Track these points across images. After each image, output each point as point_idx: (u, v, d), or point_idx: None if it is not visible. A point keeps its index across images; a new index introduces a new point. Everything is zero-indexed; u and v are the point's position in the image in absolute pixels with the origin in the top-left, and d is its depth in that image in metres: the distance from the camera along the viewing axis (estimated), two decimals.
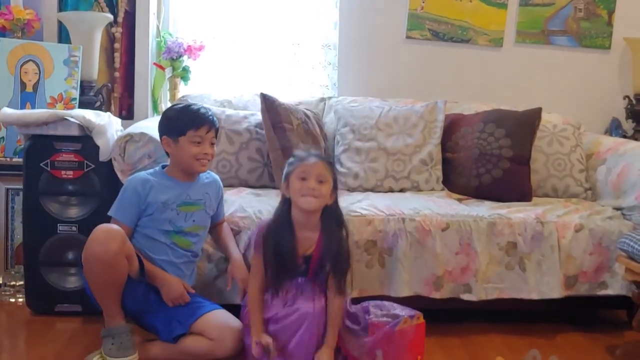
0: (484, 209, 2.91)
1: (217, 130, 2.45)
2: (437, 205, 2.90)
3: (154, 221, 2.38)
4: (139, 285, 2.29)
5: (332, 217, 2.32)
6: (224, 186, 3.10)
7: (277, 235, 2.27)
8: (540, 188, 3.26)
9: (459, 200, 3.11)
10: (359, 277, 2.75)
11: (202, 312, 2.32)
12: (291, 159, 2.33)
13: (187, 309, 2.33)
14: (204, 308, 2.34)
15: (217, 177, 2.61)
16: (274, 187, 3.14)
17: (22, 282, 3.04)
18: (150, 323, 2.37)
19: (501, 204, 3.02)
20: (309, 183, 2.23)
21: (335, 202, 2.34)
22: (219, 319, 2.32)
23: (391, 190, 3.22)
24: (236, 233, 2.68)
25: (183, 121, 2.37)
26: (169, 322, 2.31)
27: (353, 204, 2.88)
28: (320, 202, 2.26)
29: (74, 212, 2.87)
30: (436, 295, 2.78)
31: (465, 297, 2.80)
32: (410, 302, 2.61)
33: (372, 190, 3.21)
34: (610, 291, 2.84)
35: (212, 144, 2.42)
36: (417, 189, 3.23)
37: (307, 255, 2.28)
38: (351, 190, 3.20)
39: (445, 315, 2.93)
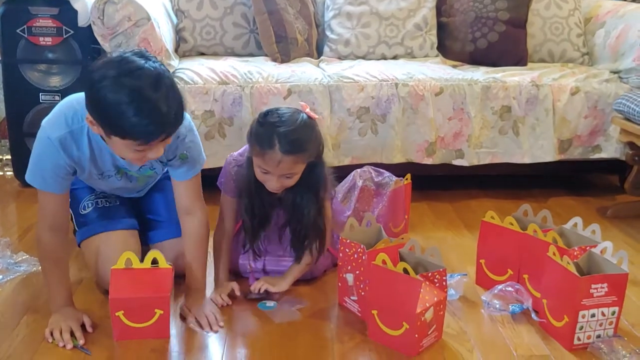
0: (479, 74, 2.84)
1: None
2: (431, 70, 2.83)
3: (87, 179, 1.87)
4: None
5: (308, 180, 1.86)
6: (209, 54, 3.03)
7: (249, 189, 1.88)
8: (536, 53, 3.17)
9: (454, 66, 3.03)
10: (352, 145, 2.72)
11: None
12: (251, 134, 1.78)
13: None
14: None
15: (184, 125, 1.67)
16: (262, 55, 3.04)
17: (9, 156, 3.00)
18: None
19: (496, 68, 2.95)
20: (270, 179, 1.79)
21: (315, 164, 1.86)
22: None
23: (384, 58, 3.12)
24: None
25: (122, 124, 1.47)
26: None
27: (344, 70, 2.80)
28: (293, 183, 1.84)
29: (55, 81, 2.79)
30: (428, 161, 2.77)
31: (458, 162, 2.79)
32: (402, 168, 2.60)
33: (364, 57, 3.11)
34: (604, 154, 2.84)
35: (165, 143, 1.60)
36: (410, 55, 3.13)
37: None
38: (342, 58, 3.10)
39: (437, 181, 2.95)
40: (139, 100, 1.45)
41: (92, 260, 1.93)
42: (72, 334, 1.70)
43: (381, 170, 2.40)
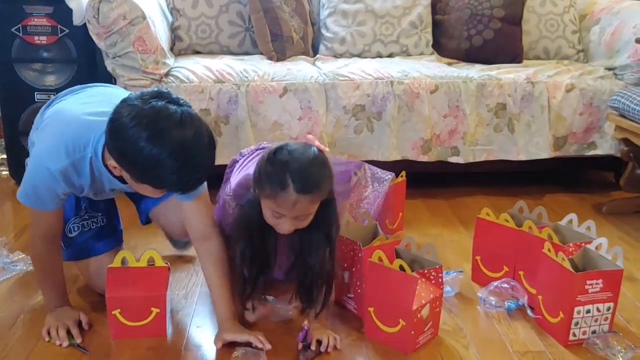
0: (474, 71, 2.85)
1: None
2: (426, 68, 2.83)
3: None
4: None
5: (319, 220, 1.66)
6: (204, 53, 3.03)
7: (250, 232, 1.68)
8: (531, 50, 3.18)
9: (449, 63, 3.04)
10: (348, 142, 2.72)
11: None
12: (260, 175, 1.59)
13: None
14: None
15: None
16: (258, 53, 3.05)
17: (4, 156, 3.00)
18: None
19: (491, 65, 2.95)
20: (284, 222, 1.61)
21: (327, 201, 1.65)
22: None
23: (379, 56, 3.12)
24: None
25: (156, 177, 1.45)
26: None
27: (340, 68, 2.81)
28: (307, 224, 1.65)
29: (51, 80, 2.78)
30: (424, 158, 2.78)
31: (453, 159, 2.80)
32: (398, 166, 2.61)
33: (360, 55, 3.11)
34: (599, 151, 2.84)
35: None
36: (406, 53, 3.14)
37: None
38: (338, 56, 3.10)
39: (432, 179, 2.95)
40: (181, 156, 1.41)
41: (82, 274, 1.95)
42: (68, 332, 1.69)
43: (374, 167, 2.40)
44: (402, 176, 2.43)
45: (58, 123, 1.64)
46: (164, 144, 1.39)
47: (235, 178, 1.85)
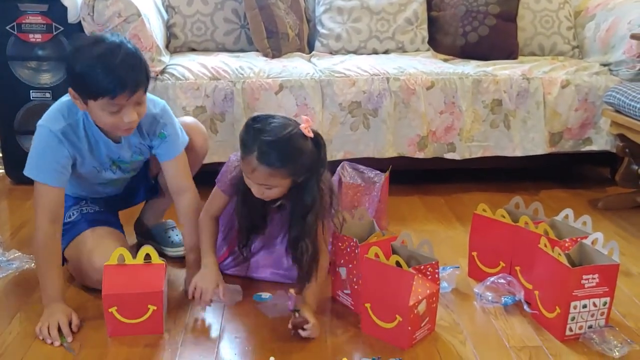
0: (470, 67, 2.85)
1: (147, 85, 1.76)
2: (422, 64, 2.83)
3: (84, 176, 1.93)
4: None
5: (297, 201, 1.78)
6: (200, 50, 3.03)
7: (241, 190, 1.82)
8: (526, 46, 3.18)
9: (445, 60, 3.04)
10: (344, 139, 2.72)
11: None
12: (240, 136, 1.72)
13: None
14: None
15: (159, 109, 1.91)
16: (253, 50, 3.04)
17: (0, 155, 2.99)
18: None
19: (487, 62, 2.95)
20: (251, 184, 1.75)
21: (305, 185, 1.75)
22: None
23: (375, 52, 3.12)
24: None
25: (93, 82, 1.65)
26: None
27: (336, 65, 2.81)
28: (276, 195, 1.77)
29: (46, 78, 2.78)
30: (420, 155, 2.78)
31: (449, 156, 2.80)
32: (394, 162, 2.61)
33: (355, 52, 3.11)
34: (594, 147, 2.85)
35: (140, 103, 1.75)
36: (401, 49, 3.14)
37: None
38: (333, 53, 3.10)
39: (429, 175, 2.95)
40: (103, 61, 1.65)
41: (78, 257, 1.91)
42: (61, 331, 1.70)
43: (360, 166, 2.41)
44: (387, 172, 2.41)
45: (55, 103, 1.85)
46: (86, 57, 1.67)
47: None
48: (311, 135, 1.70)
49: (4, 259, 2.10)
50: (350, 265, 1.85)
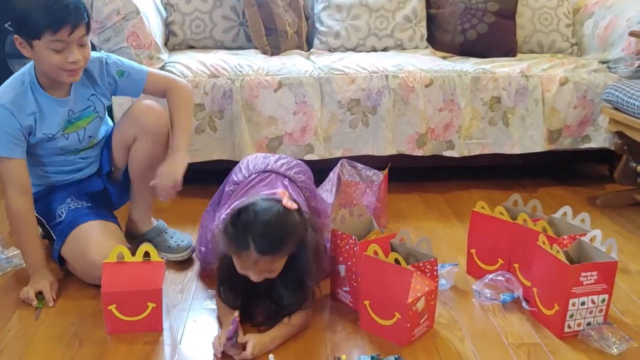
0: (469, 65, 2.85)
1: (88, 25, 1.78)
2: (421, 62, 2.83)
3: (39, 149, 1.94)
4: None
5: (291, 270, 1.70)
6: (198, 48, 3.03)
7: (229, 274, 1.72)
8: (525, 44, 3.19)
9: (444, 57, 3.04)
10: (343, 137, 2.72)
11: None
12: (225, 233, 1.64)
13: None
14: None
15: (101, 54, 1.99)
16: (252, 48, 3.04)
17: None
18: None
19: (486, 59, 2.96)
20: (250, 274, 1.66)
21: (296, 254, 1.69)
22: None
23: (374, 50, 3.12)
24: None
25: (34, 20, 1.70)
26: None
27: (335, 62, 2.80)
28: (276, 274, 1.69)
29: None
30: (419, 152, 2.78)
31: (448, 153, 2.80)
32: (393, 160, 2.61)
33: (354, 49, 3.11)
34: (593, 144, 2.85)
35: (83, 45, 1.78)
36: (400, 47, 3.14)
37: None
38: (332, 50, 3.10)
39: (428, 173, 2.96)
40: None
41: (74, 255, 1.92)
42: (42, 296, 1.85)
43: (358, 164, 2.41)
44: (385, 170, 2.42)
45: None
46: None
47: (227, 209, 1.82)
48: (295, 206, 1.67)
49: (3, 256, 2.10)
50: (349, 263, 1.85)
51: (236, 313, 1.65)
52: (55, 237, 1.98)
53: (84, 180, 2.08)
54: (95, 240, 1.88)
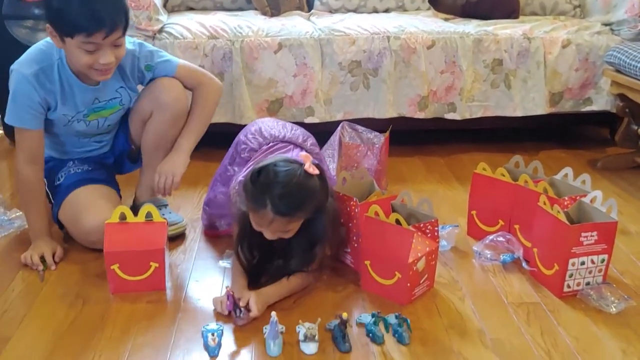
0: (471, 27, 2.83)
1: (126, 26, 1.72)
2: (423, 24, 2.81)
3: (55, 128, 1.93)
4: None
5: (305, 233, 1.71)
6: (198, 9, 2.99)
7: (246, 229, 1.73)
8: (527, 6, 3.16)
9: (446, 19, 3.01)
10: (344, 100, 2.71)
11: None
12: (245, 190, 1.64)
13: None
14: None
15: (135, 45, 1.92)
16: (252, 9, 3.01)
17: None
18: None
19: (488, 21, 2.92)
20: (265, 231, 1.67)
21: (314, 218, 1.69)
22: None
23: (375, 11, 3.09)
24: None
25: (69, 18, 1.64)
26: None
27: (335, 24, 2.78)
28: (291, 235, 1.69)
29: (43, 37, 2.69)
30: (420, 115, 2.77)
31: (449, 116, 2.79)
32: (394, 123, 2.61)
33: (355, 10, 3.08)
34: (594, 107, 2.84)
35: (117, 45, 1.73)
36: (402, 8, 3.11)
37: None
38: (333, 11, 3.07)
39: (429, 136, 2.95)
40: None
41: (70, 220, 1.93)
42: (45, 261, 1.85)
43: (359, 127, 2.40)
44: (386, 133, 2.41)
45: (30, 47, 1.87)
46: None
47: (243, 173, 1.81)
48: (316, 172, 1.64)
49: (6, 218, 2.11)
50: (350, 224, 1.86)
51: (228, 287, 1.66)
52: (53, 200, 1.98)
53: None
54: (89, 206, 1.88)
